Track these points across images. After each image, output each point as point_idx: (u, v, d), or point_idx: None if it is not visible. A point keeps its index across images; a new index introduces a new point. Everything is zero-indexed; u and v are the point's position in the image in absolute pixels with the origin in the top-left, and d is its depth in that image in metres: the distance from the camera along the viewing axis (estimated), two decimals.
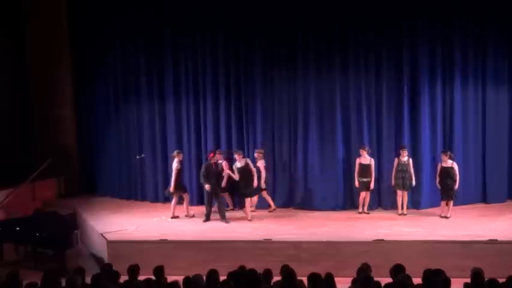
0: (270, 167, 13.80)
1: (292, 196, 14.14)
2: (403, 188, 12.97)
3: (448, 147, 13.44)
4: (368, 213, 13.31)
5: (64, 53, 15.91)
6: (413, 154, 13.44)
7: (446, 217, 12.64)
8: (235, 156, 13.27)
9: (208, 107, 14.48)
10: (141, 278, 7.82)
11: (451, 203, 12.72)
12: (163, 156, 15.04)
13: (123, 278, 7.90)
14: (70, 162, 16.04)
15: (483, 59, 13.68)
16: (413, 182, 12.96)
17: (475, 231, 11.60)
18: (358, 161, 13.22)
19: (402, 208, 13.07)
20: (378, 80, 13.66)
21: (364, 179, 13.12)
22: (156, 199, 15.17)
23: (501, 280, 7.04)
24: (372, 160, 13.17)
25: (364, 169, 13.13)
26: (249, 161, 13.21)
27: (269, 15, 13.82)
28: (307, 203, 13.88)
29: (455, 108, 13.68)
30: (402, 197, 13.07)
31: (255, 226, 12.59)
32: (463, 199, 13.54)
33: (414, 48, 13.47)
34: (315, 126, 13.81)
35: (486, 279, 7.06)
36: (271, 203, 13.81)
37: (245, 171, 13.05)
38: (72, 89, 16.13)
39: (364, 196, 13.30)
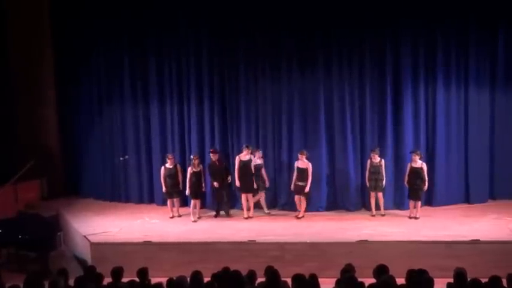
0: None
1: (277, 197, 14.12)
2: (375, 189, 13.00)
3: (430, 147, 13.54)
4: (303, 216, 13.14)
5: (47, 53, 15.77)
6: (396, 154, 13.54)
7: (415, 218, 12.71)
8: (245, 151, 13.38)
9: (192, 107, 14.41)
10: (124, 280, 7.82)
11: (419, 203, 12.82)
12: (147, 157, 14.97)
13: (107, 280, 7.89)
14: (53, 163, 15.87)
15: (465, 59, 13.67)
16: (384, 183, 12.97)
17: (458, 231, 11.67)
18: (296, 164, 13.12)
19: (379, 209, 13.08)
20: (361, 81, 13.66)
21: (300, 183, 12.98)
22: (140, 200, 15.11)
23: (484, 280, 7.11)
24: (310, 164, 12.98)
25: (301, 173, 12.98)
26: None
27: (253, 16, 13.80)
28: (291, 204, 13.85)
29: (437, 109, 13.69)
30: (376, 198, 13.09)
31: (239, 227, 12.60)
32: (446, 199, 13.64)
33: (397, 48, 13.51)
34: (299, 127, 13.79)
35: (469, 279, 7.12)
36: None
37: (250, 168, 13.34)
38: (55, 89, 15.97)
39: (299, 200, 13.21)
